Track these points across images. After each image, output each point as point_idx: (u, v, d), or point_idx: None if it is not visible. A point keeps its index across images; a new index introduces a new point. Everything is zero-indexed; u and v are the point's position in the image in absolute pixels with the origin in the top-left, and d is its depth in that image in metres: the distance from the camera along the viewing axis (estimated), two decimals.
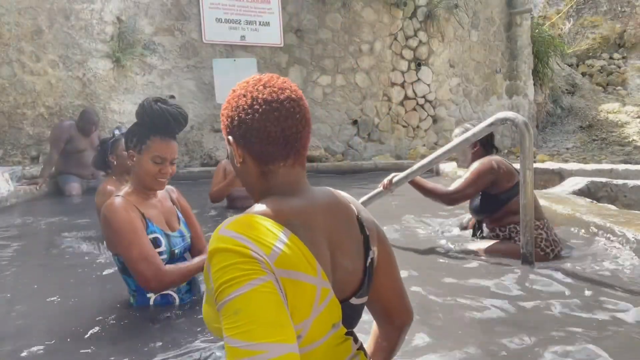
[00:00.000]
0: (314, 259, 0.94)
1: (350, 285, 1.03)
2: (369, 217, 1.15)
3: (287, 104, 1.01)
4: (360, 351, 1.06)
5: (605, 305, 1.91)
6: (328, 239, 1.00)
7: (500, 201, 2.66)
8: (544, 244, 2.55)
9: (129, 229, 1.80)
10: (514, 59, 9.67)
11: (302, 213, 0.98)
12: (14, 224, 3.97)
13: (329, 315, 0.96)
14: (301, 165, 1.05)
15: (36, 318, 2.03)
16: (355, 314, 1.06)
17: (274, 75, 1.09)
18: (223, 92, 6.76)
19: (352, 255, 1.04)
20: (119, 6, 6.48)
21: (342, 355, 1.01)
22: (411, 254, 2.80)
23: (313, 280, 0.93)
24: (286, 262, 0.89)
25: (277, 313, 0.84)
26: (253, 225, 0.92)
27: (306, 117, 1.04)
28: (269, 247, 0.89)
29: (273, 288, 0.85)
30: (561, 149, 9.66)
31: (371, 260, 1.08)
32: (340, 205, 1.08)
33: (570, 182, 4.10)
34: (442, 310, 1.93)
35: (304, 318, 0.91)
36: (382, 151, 8.07)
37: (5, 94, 6.04)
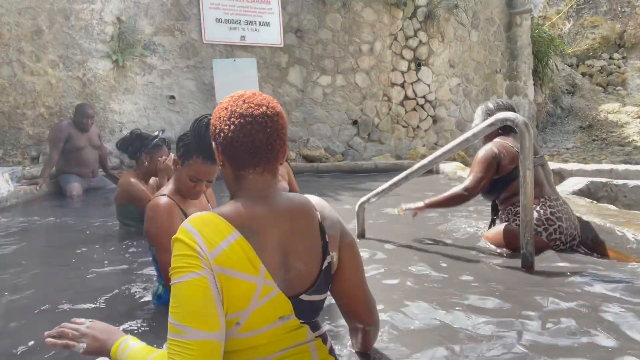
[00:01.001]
0: (258, 261, 1.09)
1: (302, 284, 1.17)
2: (334, 225, 1.26)
3: (260, 118, 1.15)
4: (319, 338, 1.23)
5: (606, 310, 1.91)
6: (282, 243, 1.15)
7: (505, 182, 2.75)
8: (535, 222, 2.55)
9: (167, 234, 1.85)
10: (514, 59, 9.67)
11: (258, 219, 1.13)
12: (14, 224, 3.97)
13: (272, 309, 1.11)
14: (271, 174, 1.19)
15: (36, 319, 2.03)
16: (311, 308, 1.20)
17: (258, 92, 1.22)
18: (223, 92, 6.75)
19: (307, 258, 1.18)
20: (119, 6, 6.48)
21: (295, 340, 1.17)
22: (411, 253, 2.80)
23: (253, 279, 1.08)
24: (225, 261, 1.06)
25: (203, 304, 1.03)
26: (208, 224, 1.09)
27: (279, 131, 1.17)
28: (213, 245, 1.06)
29: (205, 282, 1.04)
30: (561, 149, 9.66)
31: (328, 264, 1.21)
32: (302, 214, 1.20)
33: (570, 182, 4.10)
34: (432, 310, 1.93)
35: (241, 309, 1.08)
36: (382, 151, 8.07)
37: (5, 94, 6.04)
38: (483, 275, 2.37)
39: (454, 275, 2.35)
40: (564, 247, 2.66)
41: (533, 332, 1.71)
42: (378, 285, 2.23)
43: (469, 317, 1.84)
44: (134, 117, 6.62)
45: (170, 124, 6.81)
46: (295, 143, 7.42)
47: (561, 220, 2.65)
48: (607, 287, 2.10)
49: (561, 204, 2.72)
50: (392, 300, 2.03)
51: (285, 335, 1.16)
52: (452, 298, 2.05)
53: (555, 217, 2.65)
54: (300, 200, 1.23)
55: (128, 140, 3.28)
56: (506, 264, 2.50)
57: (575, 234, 2.71)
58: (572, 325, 1.73)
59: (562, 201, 2.76)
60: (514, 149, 2.75)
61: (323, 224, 1.22)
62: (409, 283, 2.28)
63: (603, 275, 2.27)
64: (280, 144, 1.18)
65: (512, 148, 2.77)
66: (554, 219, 2.64)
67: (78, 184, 5.32)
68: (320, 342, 1.24)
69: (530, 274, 2.32)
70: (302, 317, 1.18)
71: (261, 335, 1.12)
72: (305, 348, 1.20)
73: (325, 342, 1.26)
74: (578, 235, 2.74)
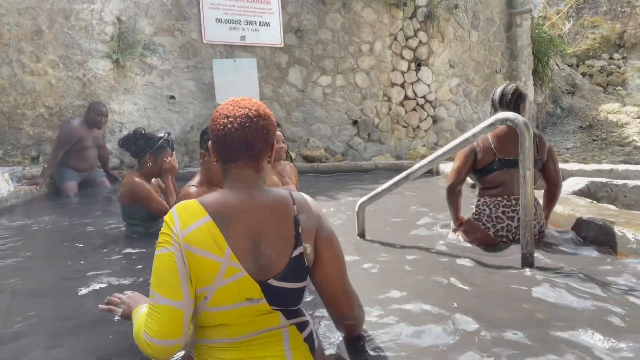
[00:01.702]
0: (224, 244, 1.24)
1: (272, 270, 1.28)
2: (310, 219, 1.35)
3: (240, 118, 1.30)
4: (293, 326, 1.32)
5: (606, 310, 1.91)
6: (255, 231, 1.27)
7: (480, 174, 2.95)
8: (485, 218, 2.87)
9: None
10: (514, 59, 9.67)
11: (231, 207, 1.28)
12: (14, 224, 3.97)
13: (238, 289, 1.25)
14: (253, 169, 1.33)
15: (36, 319, 2.03)
16: (283, 295, 1.29)
17: (251, 99, 1.37)
18: (223, 92, 6.75)
19: (279, 247, 1.29)
20: (119, 6, 6.48)
21: (265, 324, 1.29)
22: (411, 252, 2.79)
23: (217, 258, 1.23)
24: (192, 240, 1.23)
25: (168, 275, 1.22)
26: (187, 208, 1.28)
27: (259, 131, 1.30)
28: (185, 226, 1.24)
29: (172, 257, 1.22)
30: (561, 149, 9.66)
31: (300, 254, 1.30)
32: (278, 206, 1.32)
33: (570, 182, 4.10)
34: (432, 309, 1.92)
35: (207, 284, 1.23)
36: (382, 151, 8.07)
37: (5, 94, 6.04)
38: (483, 274, 2.37)
39: (454, 275, 2.34)
40: (513, 243, 2.83)
41: (533, 332, 1.71)
42: (378, 285, 2.23)
43: (469, 317, 1.84)
44: (134, 117, 6.62)
45: (170, 124, 6.81)
46: (295, 143, 7.42)
47: (512, 219, 2.83)
48: (607, 287, 2.10)
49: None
50: (392, 300, 2.03)
51: (255, 318, 1.28)
52: (451, 298, 2.05)
53: (506, 217, 2.84)
54: (279, 194, 1.35)
55: (132, 139, 3.28)
56: (506, 263, 2.50)
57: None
58: (572, 325, 1.73)
59: None
60: (489, 142, 2.89)
61: (298, 217, 1.32)
62: (408, 283, 2.28)
63: (603, 275, 2.27)
64: (260, 143, 1.31)
65: (488, 141, 2.89)
66: (503, 218, 2.84)
67: (74, 183, 5.31)
68: (294, 329, 1.33)
69: (530, 274, 2.32)
70: (273, 303, 1.29)
71: (228, 312, 1.26)
72: (276, 333, 1.31)
73: (302, 330, 1.35)
74: (536, 233, 2.81)
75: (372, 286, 2.21)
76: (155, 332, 1.21)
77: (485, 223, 2.86)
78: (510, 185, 2.86)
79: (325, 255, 1.36)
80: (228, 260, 1.24)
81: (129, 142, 3.29)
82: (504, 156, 2.87)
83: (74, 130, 5.23)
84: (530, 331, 1.72)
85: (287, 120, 7.43)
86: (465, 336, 1.70)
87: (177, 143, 6.79)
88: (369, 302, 2.00)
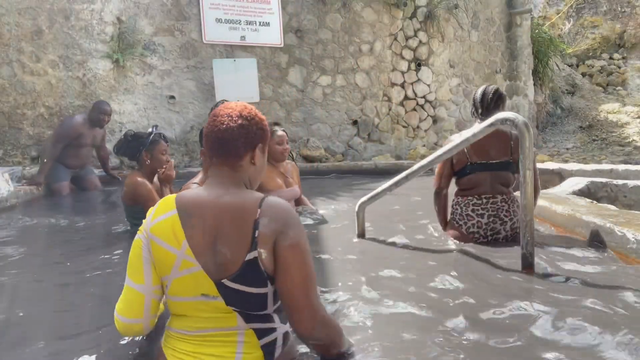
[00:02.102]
0: (182, 237, 1.29)
1: (227, 270, 1.28)
2: (270, 225, 1.30)
3: (222, 118, 1.37)
4: (252, 331, 1.31)
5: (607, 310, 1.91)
6: (214, 229, 1.29)
7: (455, 175, 3.06)
8: (457, 217, 3.01)
9: None
10: (514, 59, 9.67)
11: (196, 203, 1.33)
12: (14, 224, 3.97)
13: (193, 283, 1.29)
14: (230, 167, 1.38)
15: (37, 319, 2.03)
16: (240, 297, 1.29)
17: (246, 103, 1.44)
18: (223, 92, 6.75)
19: (234, 248, 1.28)
20: (119, 6, 6.48)
21: (221, 324, 1.31)
22: (410, 253, 2.80)
23: (174, 250, 1.29)
24: (156, 231, 1.32)
25: (135, 260, 1.36)
26: (165, 201, 1.37)
27: (238, 131, 1.36)
28: (155, 217, 1.34)
29: (140, 244, 1.35)
30: (561, 149, 9.66)
31: (254, 259, 1.28)
32: (241, 208, 1.32)
33: (570, 183, 4.10)
34: (432, 309, 1.92)
35: (165, 274, 1.32)
36: (382, 151, 8.07)
37: (5, 94, 6.04)
38: (482, 275, 2.37)
39: (454, 275, 2.34)
40: (485, 240, 2.94)
41: (533, 331, 1.71)
42: (377, 285, 2.23)
43: (468, 317, 1.84)
44: (134, 117, 6.62)
45: (170, 124, 6.81)
46: (295, 143, 7.42)
47: (482, 217, 2.94)
48: (608, 287, 2.10)
49: (493, 202, 2.95)
50: (391, 300, 2.03)
51: (212, 315, 1.31)
52: (450, 298, 2.05)
53: (476, 214, 2.95)
54: (247, 196, 1.35)
55: (124, 142, 3.27)
56: (506, 263, 2.49)
57: (500, 228, 2.95)
58: (572, 325, 1.73)
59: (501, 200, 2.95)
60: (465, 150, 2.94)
61: (259, 220, 1.29)
62: (407, 283, 2.28)
63: (603, 275, 2.27)
64: (236, 144, 1.37)
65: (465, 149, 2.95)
66: (473, 215, 2.96)
67: (66, 183, 5.29)
68: (251, 334, 1.32)
69: (530, 274, 2.31)
70: (230, 303, 1.29)
71: (185, 303, 1.32)
72: (232, 334, 1.31)
73: (262, 336, 1.33)
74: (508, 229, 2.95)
75: (372, 286, 2.21)
76: (120, 310, 1.37)
77: (458, 221, 3.01)
78: (482, 186, 2.98)
79: (287, 265, 1.29)
80: (184, 253, 1.29)
81: (122, 146, 3.29)
82: (476, 160, 2.97)
83: (75, 126, 5.23)
84: (530, 332, 1.71)
85: (287, 120, 7.43)
86: (464, 337, 1.70)
87: (177, 143, 6.80)
88: (368, 302, 2.00)
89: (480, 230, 2.96)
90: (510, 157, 2.97)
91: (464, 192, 3.03)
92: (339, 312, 1.92)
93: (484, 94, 3.04)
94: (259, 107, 7.23)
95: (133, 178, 3.22)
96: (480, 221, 2.95)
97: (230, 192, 1.35)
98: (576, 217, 3.00)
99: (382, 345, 1.63)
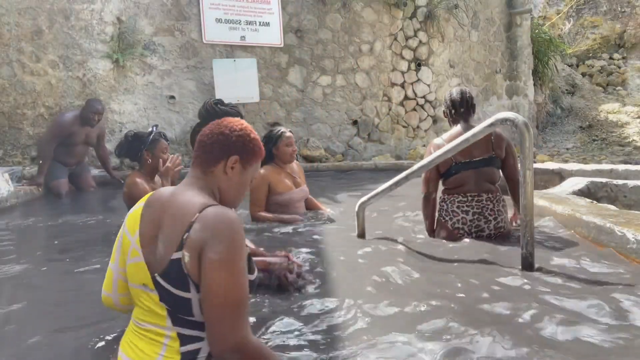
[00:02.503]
0: (137, 228, 1.39)
1: (159, 265, 1.32)
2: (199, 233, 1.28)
3: (212, 125, 1.50)
4: (176, 335, 1.31)
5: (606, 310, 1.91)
6: (158, 223, 1.36)
7: (441, 176, 3.11)
8: (444, 212, 3.08)
9: None
10: (514, 59, 9.67)
11: (156, 197, 1.44)
12: (14, 224, 3.97)
13: (137, 272, 1.36)
14: (200, 170, 1.46)
15: (37, 319, 2.03)
16: (169, 297, 1.30)
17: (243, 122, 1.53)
18: (223, 92, 6.75)
19: (167, 246, 1.32)
20: (119, 6, 6.48)
21: (154, 319, 1.34)
22: (410, 253, 2.79)
23: (130, 238, 1.40)
24: (128, 219, 1.44)
25: (115, 243, 1.50)
26: (145, 195, 1.49)
27: (217, 138, 1.45)
28: (133, 208, 1.46)
29: (120, 230, 1.48)
30: (561, 149, 9.66)
31: (178, 259, 1.29)
32: (183, 208, 1.35)
33: (570, 183, 4.10)
34: (432, 309, 1.92)
35: (125, 259, 1.42)
36: (382, 151, 8.07)
37: (5, 94, 6.04)
38: (482, 274, 2.37)
39: (453, 275, 2.34)
40: (471, 236, 3.01)
41: (533, 332, 1.71)
42: (378, 285, 2.23)
43: (467, 318, 1.84)
44: (134, 117, 6.62)
45: (170, 124, 6.81)
46: (295, 143, 7.41)
47: (467, 213, 3.02)
48: (608, 287, 2.10)
49: (478, 201, 3.02)
50: (390, 300, 2.03)
51: (150, 308, 1.35)
52: (450, 298, 2.05)
53: (461, 210, 3.03)
54: (195, 199, 1.37)
55: (125, 143, 3.28)
56: (506, 263, 2.49)
57: (484, 227, 3.02)
58: (572, 325, 1.73)
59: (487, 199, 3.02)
60: (444, 144, 2.99)
61: (193, 224, 1.30)
62: (406, 283, 2.28)
63: (604, 275, 2.27)
64: (211, 148, 1.45)
65: (443, 144, 3.01)
66: (458, 212, 3.03)
67: (65, 180, 5.26)
68: (175, 338, 1.31)
69: (530, 274, 2.31)
70: (163, 300, 1.32)
71: (133, 290, 1.40)
72: (161, 334, 1.32)
73: (184, 343, 1.30)
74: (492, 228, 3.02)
75: (372, 286, 2.21)
76: (104, 283, 1.53)
77: (444, 217, 3.09)
78: (467, 184, 3.04)
79: (207, 279, 1.25)
80: (135, 242, 1.38)
81: (123, 147, 3.29)
82: (460, 159, 3.02)
83: (64, 124, 5.19)
84: (530, 332, 1.72)
85: (287, 120, 7.43)
86: (463, 337, 1.69)
87: (177, 143, 6.79)
88: (369, 302, 2.00)
89: (465, 226, 3.03)
90: (493, 153, 3.05)
91: (450, 191, 3.09)
92: (339, 312, 1.92)
93: (462, 95, 3.13)
94: (259, 107, 7.25)
95: (132, 178, 3.23)
96: (465, 217, 3.02)
97: (188, 193, 1.39)
98: (576, 217, 3.00)
99: (383, 345, 1.63)
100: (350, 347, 1.63)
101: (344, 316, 1.89)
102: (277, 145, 3.60)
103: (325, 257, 2.70)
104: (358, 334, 1.72)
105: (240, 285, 1.27)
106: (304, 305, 2.00)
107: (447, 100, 3.20)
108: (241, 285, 1.27)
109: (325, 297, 2.08)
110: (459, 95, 3.14)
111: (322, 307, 1.98)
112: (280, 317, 1.87)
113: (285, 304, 2.02)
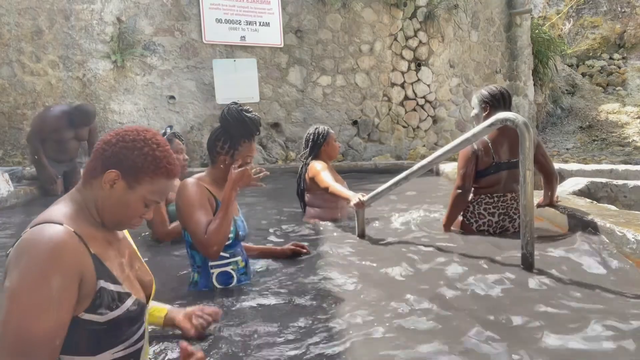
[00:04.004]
0: None
1: None
2: (11, 255, 1.13)
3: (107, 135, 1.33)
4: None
5: (606, 310, 1.91)
6: None
7: (478, 176, 3.02)
8: (469, 214, 3.07)
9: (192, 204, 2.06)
10: (514, 60, 9.67)
11: None
12: (14, 224, 3.96)
13: None
14: (84, 178, 1.32)
15: None
16: None
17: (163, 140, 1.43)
18: (223, 92, 6.76)
19: None
20: (119, 6, 6.49)
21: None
22: (410, 253, 2.79)
23: None
24: None
25: None
26: None
27: (105, 146, 1.27)
28: None
29: None
30: (561, 150, 9.66)
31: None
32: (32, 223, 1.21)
33: (570, 183, 4.10)
34: (432, 310, 1.92)
35: None
36: (382, 151, 8.07)
37: (5, 94, 6.05)
38: (482, 275, 2.37)
39: (453, 276, 2.34)
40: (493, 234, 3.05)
41: (533, 332, 1.71)
42: (378, 285, 2.23)
43: (468, 317, 1.84)
44: (134, 118, 6.62)
45: (170, 124, 6.81)
46: (295, 143, 7.42)
47: (493, 215, 3.03)
48: (608, 287, 2.10)
49: (504, 201, 3.02)
50: (390, 300, 2.03)
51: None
52: (450, 298, 2.05)
53: (487, 212, 3.03)
54: (42, 215, 1.21)
55: None
56: (506, 263, 2.49)
57: (508, 226, 3.05)
58: (572, 325, 1.73)
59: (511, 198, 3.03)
60: (489, 146, 2.97)
61: (15, 243, 1.17)
62: (406, 283, 2.28)
63: (603, 275, 2.27)
64: (95, 156, 1.28)
65: (488, 145, 2.98)
66: (485, 214, 3.04)
67: (59, 179, 5.06)
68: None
69: (530, 274, 2.31)
70: None
71: None
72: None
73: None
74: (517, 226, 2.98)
75: (372, 285, 2.21)
76: None
77: (469, 219, 3.08)
78: (498, 185, 3.02)
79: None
80: None
81: None
82: (500, 160, 3.00)
83: (47, 120, 4.89)
84: (530, 332, 1.71)
85: (287, 120, 7.44)
86: (462, 337, 1.69)
87: None
88: (369, 302, 2.00)
89: (490, 228, 3.05)
90: None
91: (479, 191, 3.05)
92: (338, 312, 1.92)
93: (502, 94, 3.01)
94: (259, 107, 7.25)
95: None
96: (491, 220, 3.04)
97: (53, 206, 1.24)
98: (576, 217, 3.00)
99: (382, 344, 1.63)
100: (349, 346, 1.63)
101: (343, 316, 1.89)
102: (327, 140, 3.62)
103: (325, 257, 2.70)
104: (357, 333, 1.72)
105: (28, 324, 1.03)
106: (304, 305, 2.00)
107: (486, 96, 3.03)
108: (29, 323, 1.03)
109: (325, 297, 2.08)
110: (499, 94, 3.01)
111: (322, 307, 1.98)
112: (279, 317, 1.87)
113: (283, 303, 2.03)
